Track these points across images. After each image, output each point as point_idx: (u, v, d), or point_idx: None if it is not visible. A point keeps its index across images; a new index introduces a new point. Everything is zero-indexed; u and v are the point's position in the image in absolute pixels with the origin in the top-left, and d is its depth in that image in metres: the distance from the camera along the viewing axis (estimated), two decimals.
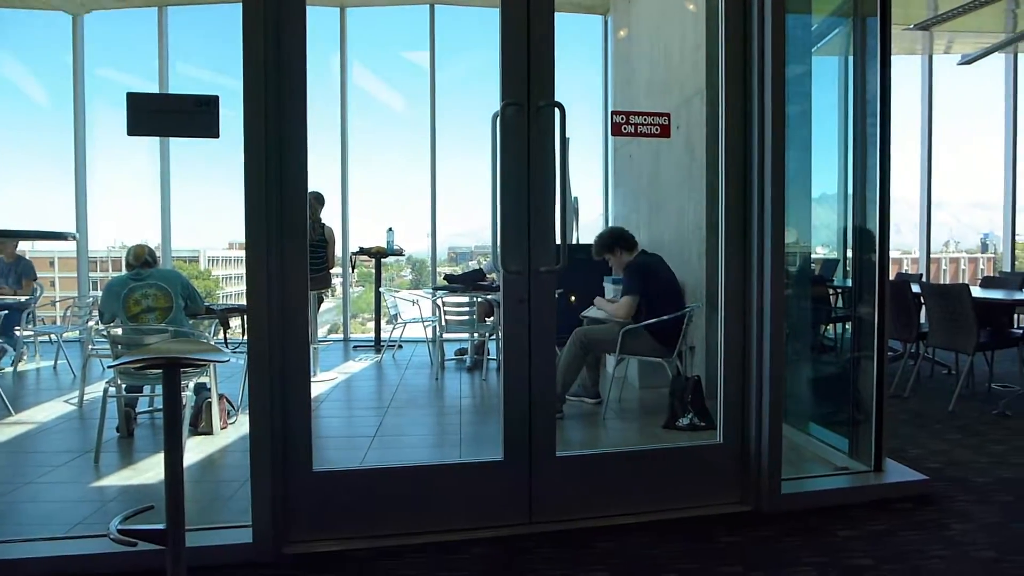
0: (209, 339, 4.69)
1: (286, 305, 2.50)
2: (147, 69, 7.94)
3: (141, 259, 4.23)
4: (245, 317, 2.95)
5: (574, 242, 7.11)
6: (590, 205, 8.24)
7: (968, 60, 9.14)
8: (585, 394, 4.66)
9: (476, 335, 6.06)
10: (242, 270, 2.47)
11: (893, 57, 3.29)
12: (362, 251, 7.40)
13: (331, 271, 6.68)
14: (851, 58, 3.55)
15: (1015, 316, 5.86)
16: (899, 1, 7.04)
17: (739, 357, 2.97)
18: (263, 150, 2.41)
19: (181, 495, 1.86)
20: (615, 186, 7.61)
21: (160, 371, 1.92)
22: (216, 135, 2.46)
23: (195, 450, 3.73)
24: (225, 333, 5.57)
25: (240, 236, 2.45)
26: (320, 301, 6.29)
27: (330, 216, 6.55)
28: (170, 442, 1.88)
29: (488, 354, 5.96)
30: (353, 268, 8.06)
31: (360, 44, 8.53)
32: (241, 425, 4.14)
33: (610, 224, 7.73)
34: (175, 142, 7.59)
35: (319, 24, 8.39)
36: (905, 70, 9.27)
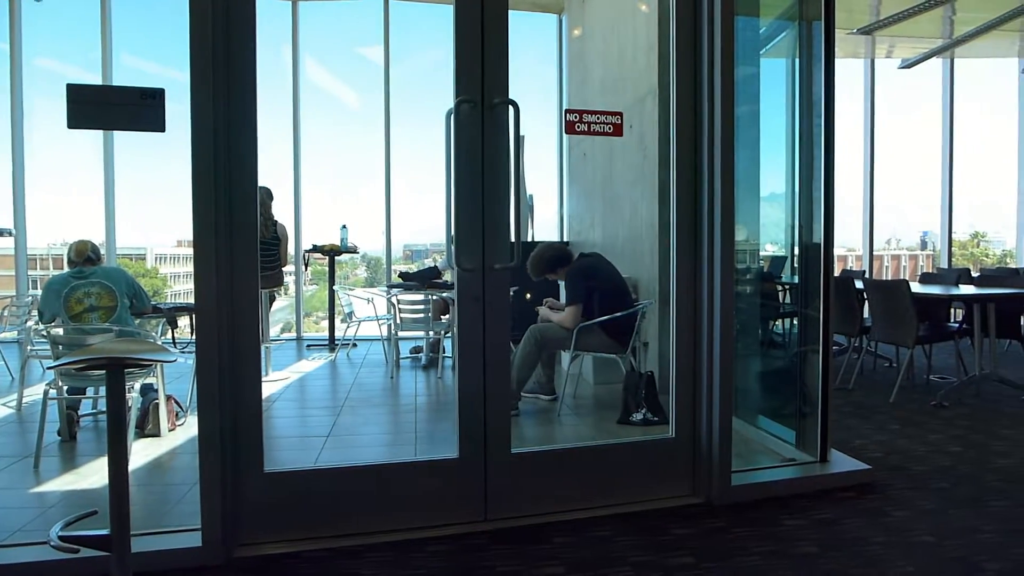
0: (156, 339, 4.57)
1: (236, 303, 2.46)
2: (89, 60, 7.67)
3: (84, 256, 4.09)
4: (194, 316, 2.88)
5: (529, 239, 7.14)
6: (545, 203, 8.29)
7: (908, 64, 9.48)
8: (540, 391, 4.69)
9: (431, 333, 6.04)
10: (191, 268, 2.41)
11: (837, 60, 3.39)
12: (315, 249, 7.29)
13: (284, 269, 6.57)
14: (797, 61, 3.63)
15: (951, 310, 6.09)
16: (843, 6, 7.27)
17: (690, 353, 3.03)
18: (211, 145, 2.35)
19: (126, 499, 1.81)
20: (570, 184, 7.68)
21: (103, 372, 1.87)
22: (162, 129, 2.39)
23: (142, 453, 3.63)
24: (173, 332, 5.44)
25: (189, 233, 2.39)
26: (272, 300, 6.18)
27: (283, 213, 6.45)
28: (114, 445, 1.83)
29: (443, 352, 5.95)
30: (306, 266, 7.94)
31: (313, 38, 8.39)
32: (190, 427, 4.05)
33: (564, 222, 7.80)
34: (120, 136, 7.35)
35: (270, 17, 8.23)
36: (849, 73, 9.56)
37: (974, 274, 7.25)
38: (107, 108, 2.43)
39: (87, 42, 7.67)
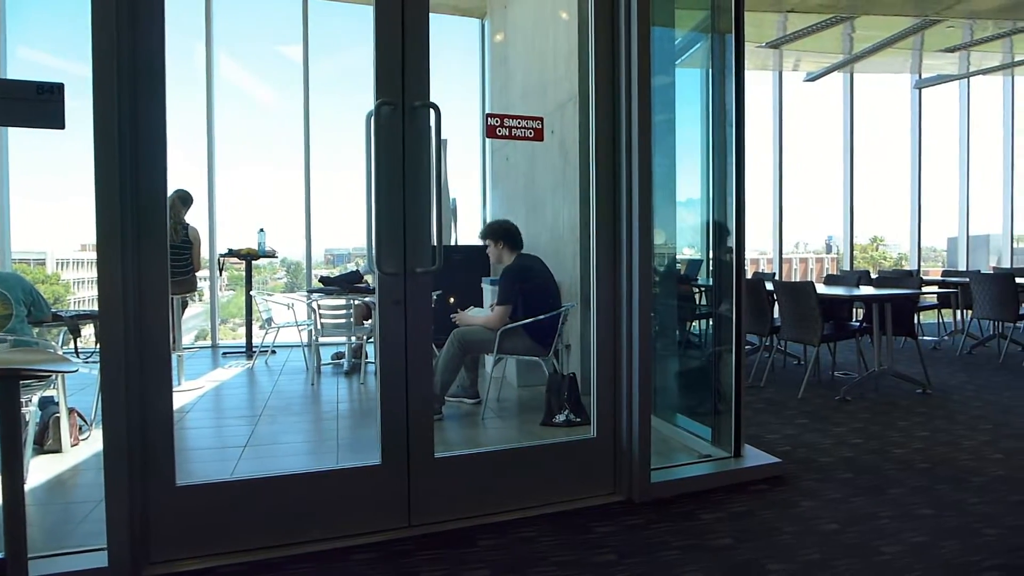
0: (57, 348, 4.30)
1: (144, 310, 2.35)
2: None
3: None
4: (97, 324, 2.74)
5: (453, 243, 7.13)
6: (469, 206, 8.29)
7: (812, 77, 10.00)
8: (464, 394, 4.69)
9: (353, 338, 5.94)
10: (96, 273, 2.28)
11: (748, 72, 3.55)
12: (231, 253, 7.05)
13: (197, 274, 6.32)
14: (711, 71, 3.77)
15: (853, 310, 6.45)
16: (752, 20, 7.62)
17: (611, 354, 3.10)
18: (115, 144, 2.24)
19: (22, 520, 1.70)
20: (493, 188, 7.71)
21: None
22: (61, 126, 2.26)
23: (42, 470, 3.42)
24: (76, 341, 5.13)
25: (93, 237, 2.27)
26: (185, 306, 5.93)
27: (196, 216, 6.20)
28: (9, 462, 1.71)
29: (366, 357, 5.86)
30: (222, 271, 7.66)
31: (228, 35, 8.12)
32: (95, 441, 3.84)
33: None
34: (16, 132, 6.89)
35: (181, 11, 7.91)
36: (759, 84, 9.99)
37: (873, 276, 7.70)
38: (1, 103, 2.28)
39: None
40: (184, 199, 5.81)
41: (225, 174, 7.99)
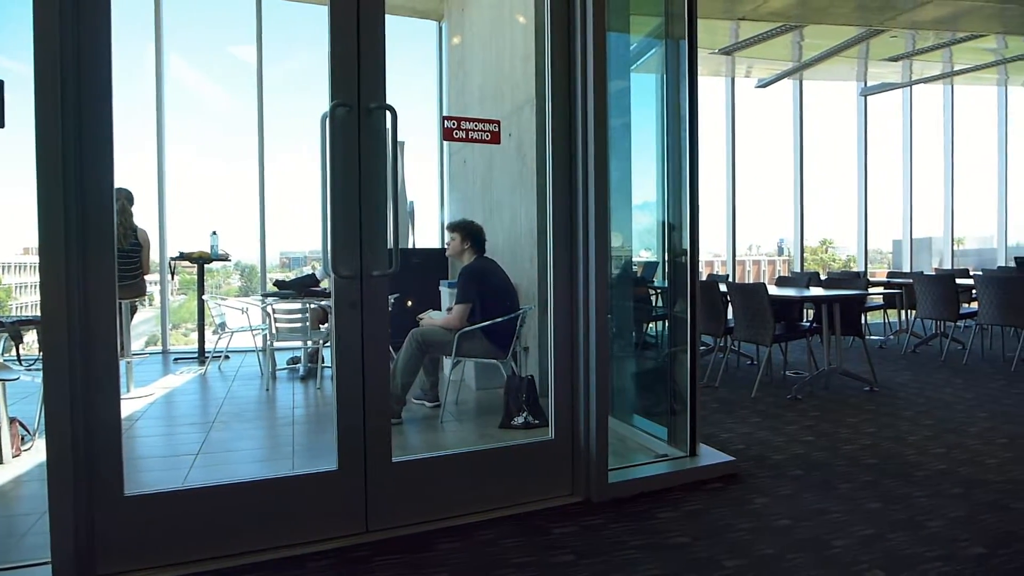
0: None
1: (90, 315, 2.28)
2: None
3: None
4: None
5: (411, 246, 7.09)
6: (427, 209, 8.26)
7: (764, 84, 10.24)
8: (424, 397, 4.67)
9: (309, 342, 5.86)
10: (39, 278, 2.21)
11: (701, 78, 3.61)
12: (183, 256, 6.88)
13: (147, 278, 6.16)
14: (665, 77, 3.83)
15: (804, 311, 6.62)
16: (706, 27, 7.76)
17: (568, 356, 3.12)
18: (59, 143, 2.17)
19: None
20: (451, 190, 7.69)
21: None
22: (0, 124, 2.18)
23: None
24: (18, 348, 4.95)
25: (36, 239, 2.20)
26: (134, 310, 5.77)
27: (145, 218, 6.04)
28: None
29: (323, 362, 5.78)
30: (173, 275, 7.47)
31: (178, 34, 7.92)
32: (38, 451, 3.70)
33: (445, 226, 7.81)
34: None
35: (129, 10, 7.71)
36: (713, 90, 10.18)
37: (822, 277, 7.91)
38: None
39: None
40: (130, 199, 5.66)
41: (176, 176, 7.81)
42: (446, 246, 4.74)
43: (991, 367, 6.37)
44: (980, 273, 7.92)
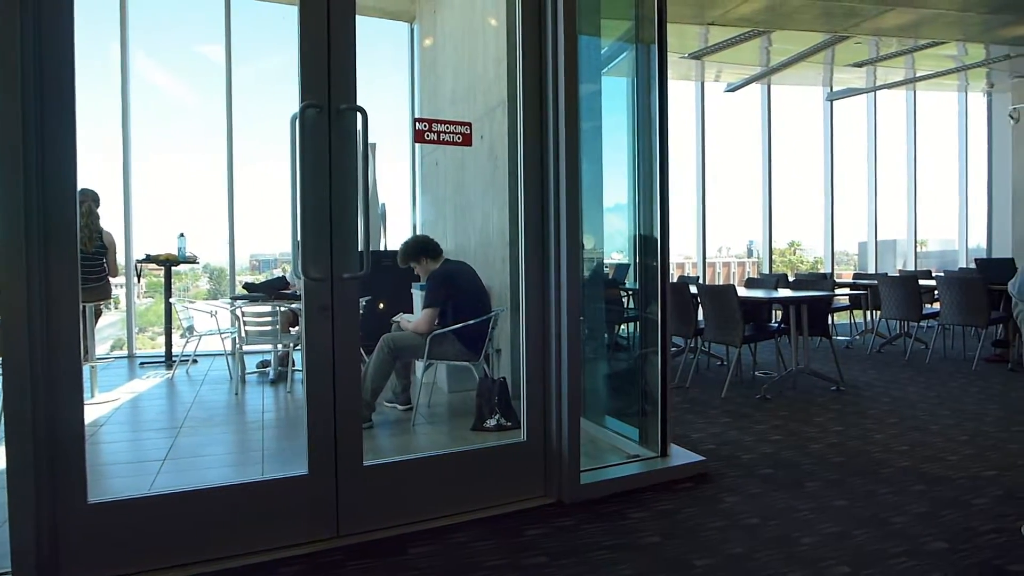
0: None
1: (52, 318, 2.23)
2: None
3: None
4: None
5: (382, 248, 7.06)
6: (398, 211, 8.22)
7: (733, 88, 10.38)
8: (396, 400, 4.65)
9: (279, 346, 5.79)
10: None
11: (672, 82, 3.65)
12: (149, 259, 6.76)
13: (113, 281, 6.04)
14: (636, 80, 3.87)
15: (772, 312, 6.71)
16: (675, 32, 7.85)
17: (539, 358, 3.13)
18: (19, 143, 2.13)
19: None
20: (422, 192, 7.67)
21: None
22: None
23: None
24: None
25: None
26: (99, 314, 5.66)
27: (111, 220, 5.93)
28: None
29: (293, 365, 5.71)
30: (139, 277, 7.33)
31: (144, 32, 7.78)
32: None
33: (417, 230, 7.78)
34: None
35: (93, 6, 7.56)
36: (684, 94, 10.29)
37: (791, 279, 8.04)
38: None
39: None
40: (96, 200, 5.55)
41: (143, 177, 7.67)
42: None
43: (953, 366, 6.53)
44: (942, 274, 8.11)
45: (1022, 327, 2.29)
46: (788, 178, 10.95)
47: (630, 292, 4.78)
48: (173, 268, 6.84)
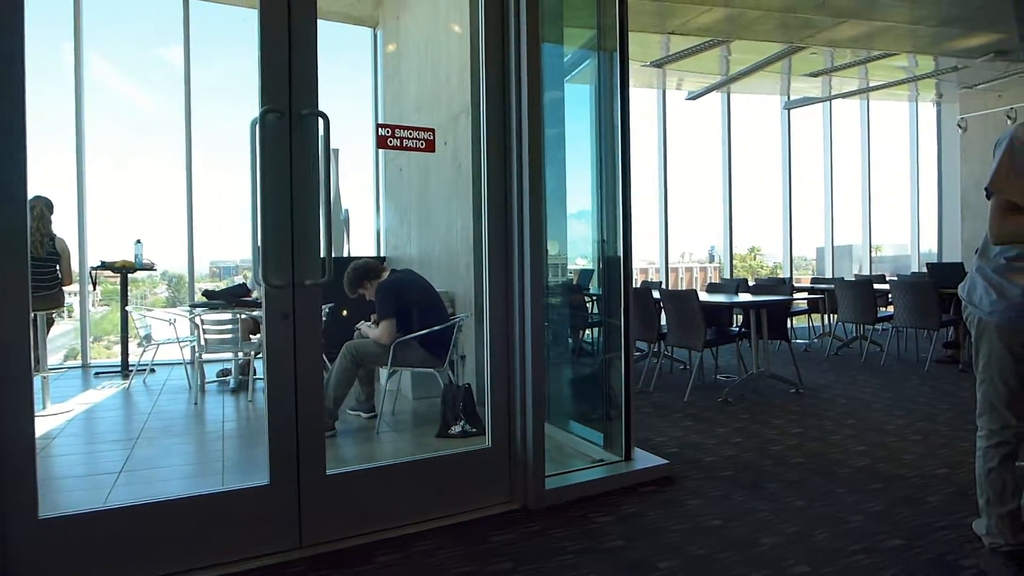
0: None
1: (0, 326, 2.16)
2: None
3: None
4: None
5: (345, 255, 6.99)
6: (362, 217, 8.15)
7: (694, 96, 10.54)
8: (360, 408, 4.60)
9: (240, 354, 5.69)
10: None
11: (634, 90, 3.69)
12: (104, 265, 6.59)
13: (66, 289, 5.87)
14: (598, 88, 3.90)
15: (733, 316, 6.82)
16: (637, 40, 7.95)
17: (504, 364, 3.13)
18: None
19: None
20: (386, 199, 7.62)
21: None
22: None
23: None
24: None
25: None
26: (51, 323, 5.49)
27: (64, 226, 5.76)
28: None
29: (254, 373, 5.62)
30: (94, 285, 7.14)
31: (100, 34, 7.60)
32: None
33: (381, 236, 7.74)
34: None
35: (44, 6, 7.36)
36: (646, 102, 10.41)
37: (751, 283, 8.18)
38: None
39: None
40: (49, 206, 5.40)
41: (98, 182, 7.47)
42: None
43: (906, 367, 6.71)
44: (895, 279, 8.34)
45: (971, 329, 2.37)
46: (748, 185, 11.17)
47: (594, 297, 4.81)
48: (130, 275, 6.67)
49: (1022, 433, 2.31)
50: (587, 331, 5.08)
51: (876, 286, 7.44)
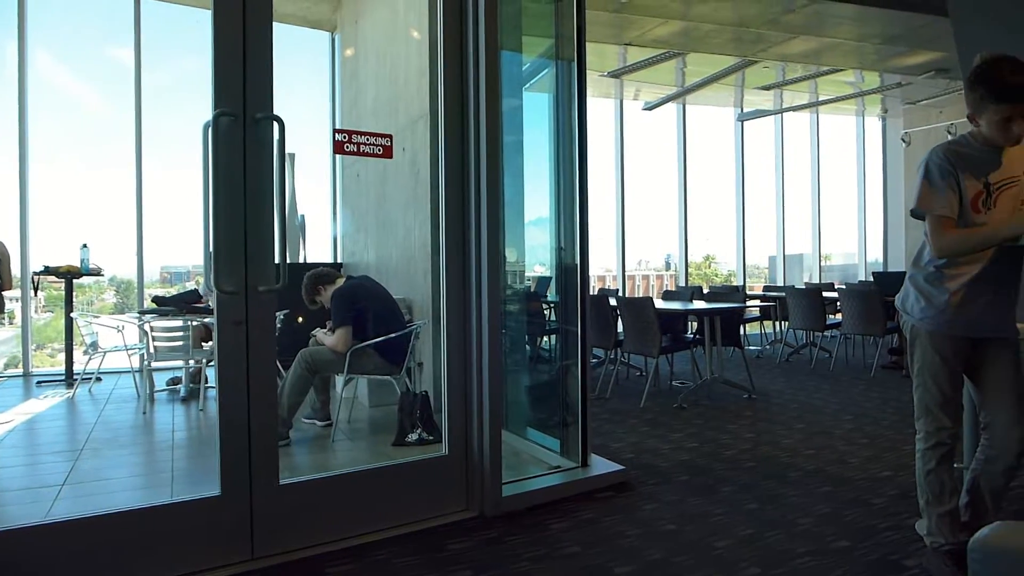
0: None
1: None
2: None
3: None
4: None
5: (301, 260, 6.89)
6: (319, 223, 8.05)
7: (650, 106, 10.71)
8: (315, 416, 4.53)
9: (191, 362, 5.56)
10: None
11: (592, 99, 3.74)
12: (48, 271, 6.37)
13: (5, 294, 5.66)
14: (556, 97, 3.94)
15: (688, 323, 6.93)
16: (595, 51, 8.05)
17: (461, 371, 3.12)
18: None
19: None
20: (343, 204, 7.55)
21: None
22: None
23: None
24: None
25: None
26: None
27: (5, 229, 5.56)
28: None
29: (206, 382, 5.50)
30: (36, 290, 6.89)
31: (46, 30, 7.36)
32: None
33: (338, 243, 7.66)
34: None
35: None
36: (604, 111, 10.53)
37: (705, 291, 8.32)
38: None
39: None
40: None
41: (42, 184, 7.22)
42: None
43: (854, 373, 6.91)
44: (843, 287, 8.59)
45: (906, 335, 2.47)
46: (703, 194, 11.37)
47: (551, 304, 4.84)
48: (75, 281, 6.47)
49: (957, 434, 2.40)
50: (544, 338, 5.11)
51: (825, 294, 7.65)
